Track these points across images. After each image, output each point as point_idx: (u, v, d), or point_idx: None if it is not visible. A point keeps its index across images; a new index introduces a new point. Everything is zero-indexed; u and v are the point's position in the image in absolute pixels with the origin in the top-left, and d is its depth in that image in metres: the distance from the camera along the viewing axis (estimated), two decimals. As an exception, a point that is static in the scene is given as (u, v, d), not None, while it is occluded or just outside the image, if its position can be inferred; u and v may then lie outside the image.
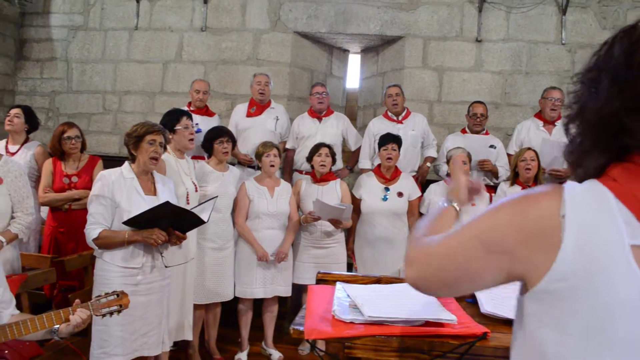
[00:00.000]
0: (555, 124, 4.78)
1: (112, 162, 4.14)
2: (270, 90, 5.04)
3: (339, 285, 1.82)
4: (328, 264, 4.07)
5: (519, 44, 5.69)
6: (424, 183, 4.90)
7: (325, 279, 1.97)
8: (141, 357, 3.13)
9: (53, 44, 6.38)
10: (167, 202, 2.98)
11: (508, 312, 1.69)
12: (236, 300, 4.21)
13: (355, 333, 1.48)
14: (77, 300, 2.30)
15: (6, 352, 2.44)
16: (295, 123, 5.12)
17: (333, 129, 5.02)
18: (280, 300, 4.39)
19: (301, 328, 1.49)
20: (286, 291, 4.24)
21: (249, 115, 5.00)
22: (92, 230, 2.92)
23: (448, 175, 4.42)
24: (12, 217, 3.18)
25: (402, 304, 1.64)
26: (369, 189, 4.38)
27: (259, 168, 4.52)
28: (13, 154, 4.26)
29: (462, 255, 0.94)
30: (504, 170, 4.75)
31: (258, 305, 4.34)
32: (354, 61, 6.67)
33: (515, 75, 5.69)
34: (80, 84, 6.30)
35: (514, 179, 4.36)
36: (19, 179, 3.18)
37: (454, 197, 1.40)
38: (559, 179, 4.55)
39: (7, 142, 4.36)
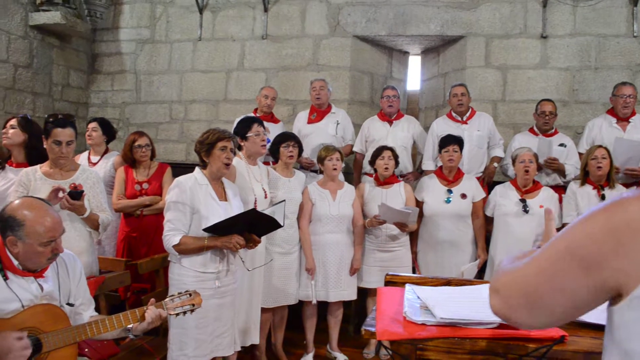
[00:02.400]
0: (630, 120, 4.56)
1: (178, 169, 4.27)
2: (328, 95, 5.08)
3: (408, 287, 1.81)
4: (393, 267, 4.04)
5: (587, 39, 5.46)
6: (490, 184, 4.78)
7: (393, 281, 1.96)
8: (214, 358, 3.22)
9: (122, 58, 6.67)
10: (254, 210, 3.07)
11: (586, 317, 1.63)
12: (302, 303, 4.25)
13: (428, 334, 1.46)
14: (152, 300, 2.40)
15: (86, 350, 2.56)
16: (365, 126, 5.12)
17: (404, 132, 4.99)
18: (345, 303, 4.40)
19: (372, 329, 1.50)
20: (351, 295, 4.24)
21: (310, 121, 5.07)
22: (173, 237, 2.99)
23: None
24: None
25: (474, 306, 1.61)
26: (431, 191, 4.33)
27: (321, 172, 4.55)
28: (94, 164, 4.48)
29: (553, 272, 0.88)
30: (573, 169, 4.57)
31: (323, 308, 4.36)
32: (414, 63, 6.60)
33: (583, 71, 5.47)
34: (148, 95, 6.56)
35: (585, 178, 4.19)
36: (96, 186, 3.36)
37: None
38: (635, 178, 4.34)
39: (89, 154, 4.60)
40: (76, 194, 3.14)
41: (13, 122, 3.61)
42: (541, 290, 0.88)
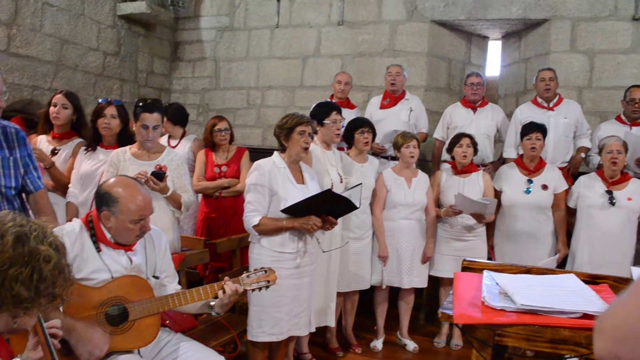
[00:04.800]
0: None
1: (255, 153, 4.38)
2: (403, 81, 5.01)
3: (486, 273, 1.78)
4: (467, 257, 3.97)
5: (686, 20, 5.08)
6: (575, 175, 4.55)
7: (470, 267, 1.94)
8: (289, 337, 3.31)
9: (203, 45, 6.89)
10: (329, 190, 3.12)
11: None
12: (373, 289, 4.27)
13: (507, 320, 1.44)
14: (226, 277, 2.49)
15: (167, 322, 2.69)
16: (447, 113, 5.03)
17: (488, 120, 4.86)
18: (416, 292, 4.38)
19: (450, 312, 1.49)
20: (422, 282, 4.22)
21: (382, 107, 5.03)
22: (253, 218, 3.10)
23: (599, 167, 4.10)
24: None
25: (556, 295, 1.56)
26: (511, 180, 4.19)
27: (393, 158, 4.53)
28: (173, 147, 4.67)
29: None
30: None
31: (394, 294, 4.36)
32: (494, 48, 6.39)
33: (680, 56, 5.10)
34: (227, 81, 6.74)
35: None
36: (180, 167, 3.51)
37: None
38: None
39: (168, 138, 4.80)
40: (160, 174, 3.29)
41: (113, 111, 3.68)
42: None
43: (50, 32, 5.22)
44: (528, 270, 1.88)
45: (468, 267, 1.94)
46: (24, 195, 2.75)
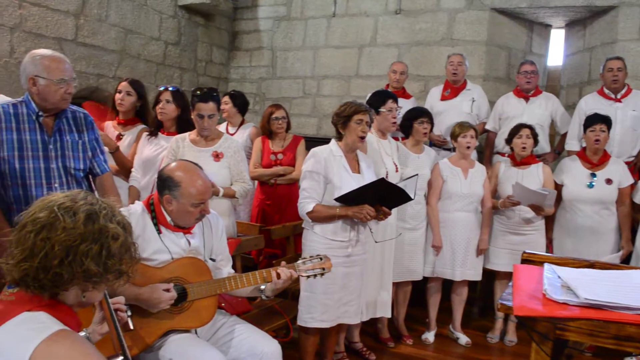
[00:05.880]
0: None
1: (310, 142, 4.40)
2: (465, 71, 4.91)
3: (547, 266, 1.73)
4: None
5: None
6: (643, 170, 4.35)
7: (530, 260, 1.89)
8: (339, 325, 3.33)
9: (260, 35, 6.97)
10: (383, 179, 3.11)
11: None
12: (426, 280, 4.23)
13: (570, 314, 1.40)
14: (283, 262, 2.53)
15: (223, 304, 2.76)
16: (499, 103, 4.91)
17: (541, 110, 4.71)
18: (470, 285, 4.31)
19: (509, 303, 1.46)
20: (475, 275, 4.15)
21: (443, 98, 4.94)
22: (307, 204, 3.12)
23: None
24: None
25: (622, 290, 1.51)
26: (573, 174, 4.05)
27: (453, 150, 4.45)
28: (232, 134, 4.76)
29: None
30: None
31: (447, 287, 4.31)
32: (557, 36, 6.16)
33: None
34: (283, 71, 6.81)
35: None
36: (237, 154, 3.57)
37: None
38: None
39: (227, 125, 4.89)
40: None
41: (168, 96, 3.78)
42: None
43: (115, 22, 5.41)
44: (591, 265, 1.82)
45: (528, 260, 1.90)
46: (90, 177, 2.89)
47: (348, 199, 3.06)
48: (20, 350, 1.24)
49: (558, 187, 4.03)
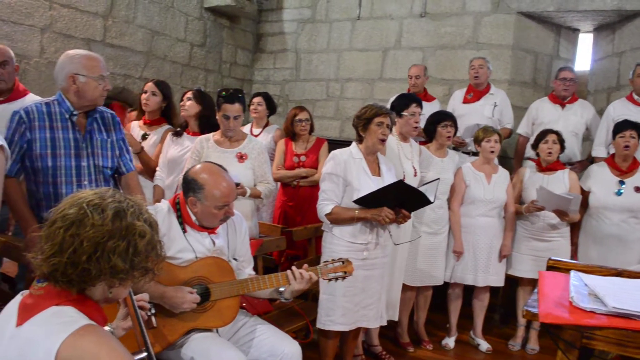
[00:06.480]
0: None
1: (332, 145, 4.40)
2: (487, 74, 4.86)
3: (574, 273, 1.70)
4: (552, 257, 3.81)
5: None
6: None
7: (556, 267, 1.86)
8: (358, 328, 3.32)
9: (284, 37, 7.00)
10: (401, 181, 3.09)
11: None
12: (447, 285, 4.20)
13: (597, 323, 1.38)
14: (306, 265, 2.53)
15: (244, 304, 2.78)
16: (533, 107, 4.86)
17: (577, 117, 4.64)
18: (492, 291, 4.26)
19: (535, 310, 1.44)
20: (498, 281, 4.11)
21: (465, 101, 4.91)
22: (325, 206, 3.13)
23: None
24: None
25: (651, 300, 1.48)
26: (600, 181, 3.98)
27: (474, 154, 4.42)
28: (256, 136, 4.79)
29: None
30: None
31: (469, 293, 4.27)
32: (585, 41, 6.07)
33: None
34: (307, 73, 6.83)
35: None
36: (261, 155, 3.59)
37: None
38: None
39: (251, 126, 4.92)
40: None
41: (189, 94, 3.95)
42: None
43: (142, 23, 5.49)
44: (619, 273, 1.79)
45: (553, 267, 1.87)
46: (115, 176, 2.94)
47: (367, 202, 3.05)
48: (49, 343, 1.27)
49: (585, 194, 3.97)
